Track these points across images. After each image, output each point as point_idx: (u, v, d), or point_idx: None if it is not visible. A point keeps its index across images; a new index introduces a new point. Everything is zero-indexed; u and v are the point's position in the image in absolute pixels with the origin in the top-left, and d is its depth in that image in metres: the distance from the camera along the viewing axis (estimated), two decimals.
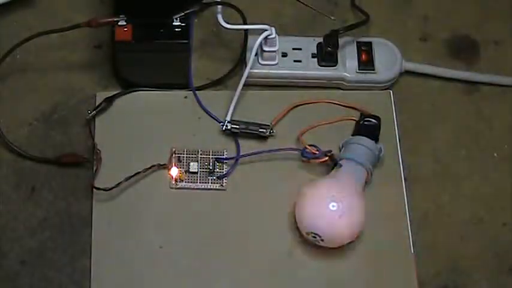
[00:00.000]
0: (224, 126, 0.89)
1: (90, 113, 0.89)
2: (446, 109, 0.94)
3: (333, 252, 0.84)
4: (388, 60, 0.94)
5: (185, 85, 0.92)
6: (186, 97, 0.92)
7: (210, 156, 0.89)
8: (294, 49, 0.93)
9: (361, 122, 0.89)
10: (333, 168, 0.87)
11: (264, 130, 0.89)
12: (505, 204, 0.89)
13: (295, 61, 0.93)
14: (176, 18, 0.87)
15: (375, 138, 0.88)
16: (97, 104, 0.90)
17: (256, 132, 0.89)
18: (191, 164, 0.88)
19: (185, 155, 0.89)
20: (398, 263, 0.85)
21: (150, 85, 0.92)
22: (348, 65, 0.93)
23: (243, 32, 0.91)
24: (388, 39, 0.95)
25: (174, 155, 0.88)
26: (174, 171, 0.87)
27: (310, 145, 0.88)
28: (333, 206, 0.81)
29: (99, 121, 0.90)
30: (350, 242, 0.84)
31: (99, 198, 0.86)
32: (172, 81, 0.92)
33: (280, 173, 0.88)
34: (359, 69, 0.93)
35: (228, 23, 0.89)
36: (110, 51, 0.94)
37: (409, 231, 0.86)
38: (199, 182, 0.88)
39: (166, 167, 0.87)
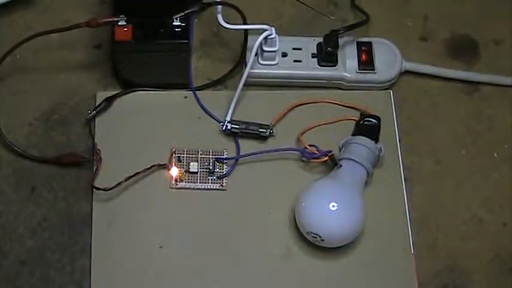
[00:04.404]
0: (224, 126, 0.89)
1: (90, 113, 0.89)
2: (446, 109, 0.94)
3: (333, 252, 0.85)
4: (388, 60, 0.93)
5: (185, 85, 0.92)
6: (186, 97, 0.92)
7: (210, 156, 0.89)
8: (294, 49, 0.93)
9: (361, 122, 0.90)
10: (333, 168, 0.87)
11: (264, 130, 0.89)
12: (505, 204, 0.89)
13: (295, 61, 0.93)
14: (176, 18, 0.86)
15: (375, 138, 0.88)
16: (97, 104, 0.90)
17: (256, 132, 0.89)
18: (191, 164, 0.88)
19: (185, 155, 0.89)
20: (398, 263, 0.85)
21: (150, 85, 0.92)
22: (347, 65, 0.93)
23: (243, 32, 0.91)
24: (388, 39, 0.95)
25: (174, 155, 0.88)
26: (174, 171, 0.87)
27: (310, 145, 0.88)
28: (333, 206, 0.81)
29: (99, 121, 0.90)
30: (350, 242, 0.84)
31: (99, 198, 0.86)
32: (172, 81, 0.92)
33: (280, 173, 0.88)
34: (359, 69, 0.93)
35: (228, 23, 0.89)
36: (110, 51, 0.94)
37: (409, 231, 0.86)
38: (199, 182, 0.88)
39: (166, 167, 0.87)
